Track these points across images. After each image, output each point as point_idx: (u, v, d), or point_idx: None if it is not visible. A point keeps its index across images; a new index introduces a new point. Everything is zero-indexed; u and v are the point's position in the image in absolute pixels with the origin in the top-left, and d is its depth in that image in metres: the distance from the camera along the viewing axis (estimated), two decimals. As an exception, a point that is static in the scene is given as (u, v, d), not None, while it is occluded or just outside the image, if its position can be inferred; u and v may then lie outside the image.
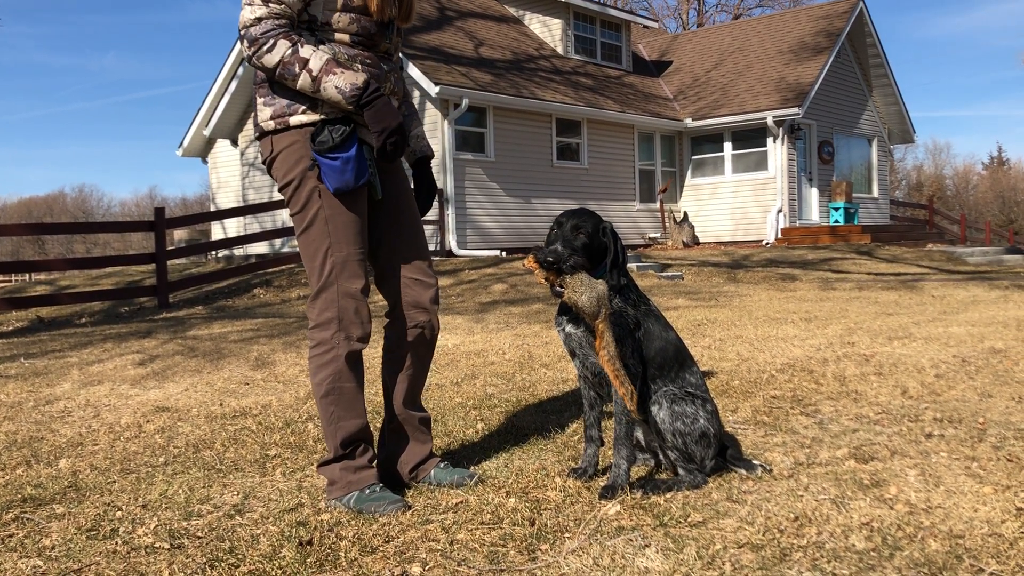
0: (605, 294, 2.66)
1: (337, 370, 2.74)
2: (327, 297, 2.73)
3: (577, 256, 2.69)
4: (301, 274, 12.95)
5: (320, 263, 2.73)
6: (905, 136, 23.30)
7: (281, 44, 2.58)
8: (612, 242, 2.79)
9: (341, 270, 2.72)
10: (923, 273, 12.64)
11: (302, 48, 2.59)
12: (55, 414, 4.66)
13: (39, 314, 11.22)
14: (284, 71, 2.60)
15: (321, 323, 2.75)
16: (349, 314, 2.73)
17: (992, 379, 4.36)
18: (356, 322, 2.74)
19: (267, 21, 2.58)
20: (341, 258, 2.72)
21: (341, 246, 2.72)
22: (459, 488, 2.85)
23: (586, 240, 2.73)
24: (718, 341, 6.07)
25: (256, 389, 5.12)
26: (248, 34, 2.59)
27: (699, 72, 21.53)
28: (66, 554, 2.46)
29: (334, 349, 2.74)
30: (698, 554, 2.22)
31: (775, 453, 3.15)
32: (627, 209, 19.05)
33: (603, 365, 2.66)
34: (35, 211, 62.51)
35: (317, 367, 2.77)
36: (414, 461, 2.96)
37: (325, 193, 2.70)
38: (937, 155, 67.90)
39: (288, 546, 2.39)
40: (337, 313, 2.73)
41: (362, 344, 2.78)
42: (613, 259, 2.78)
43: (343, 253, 2.72)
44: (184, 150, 19.68)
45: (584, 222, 2.75)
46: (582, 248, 2.72)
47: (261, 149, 2.82)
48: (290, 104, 2.71)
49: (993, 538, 2.27)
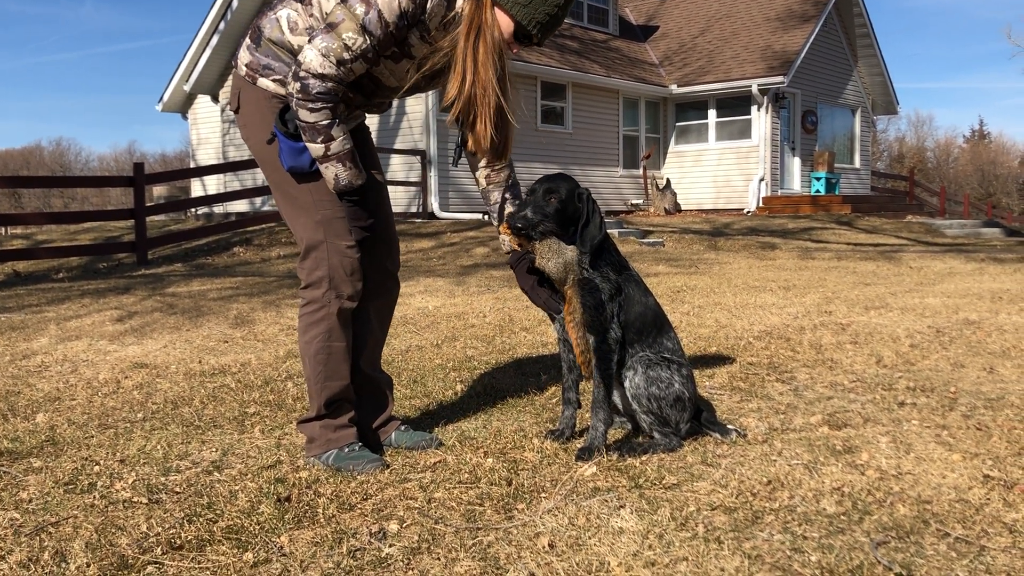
0: (574, 260, 2.67)
1: (328, 329, 2.74)
2: (317, 256, 2.71)
3: (547, 222, 2.68)
4: (282, 233, 12.87)
5: (304, 222, 2.71)
6: (888, 107, 23.35)
7: (325, 113, 2.52)
8: (586, 207, 2.78)
9: (328, 227, 2.70)
10: (902, 244, 12.75)
11: (336, 128, 2.55)
12: (32, 368, 4.63)
13: (15, 268, 11.11)
14: (310, 131, 2.54)
15: (312, 282, 2.73)
16: (340, 272, 2.71)
17: (965, 350, 4.42)
18: (347, 280, 2.72)
19: (331, 85, 2.51)
20: (327, 216, 2.69)
21: (325, 204, 2.69)
22: (417, 451, 2.87)
23: (558, 206, 2.72)
24: (697, 308, 6.11)
25: (235, 347, 5.11)
26: (306, 84, 2.48)
27: (685, 38, 21.42)
28: (43, 507, 2.46)
29: (325, 308, 2.73)
30: (672, 515, 2.25)
31: (750, 419, 3.19)
32: (610, 175, 19.03)
33: (568, 330, 2.68)
34: (11, 164, 61.56)
35: (307, 325, 2.76)
36: (375, 422, 2.96)
37: None
38: (919, 127, 68.22)
39: (266, 502, 2.40)
40: (328, 271, 2.71)
41: (352, 303, 2.76)
42: (583, 224, 2.76)
43: (327, 210, 2.69)
44: (164, 105, 19.41)
45: (558, 187, 2.74)
46: (554, 214, 2.71)
47: (231, 88, 2.79)
48: (267, 67, 2.67)
49: (960, 504, 2.32)
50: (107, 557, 2.08)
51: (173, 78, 18.94)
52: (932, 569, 1.94)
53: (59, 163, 65.96)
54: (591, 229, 2.76)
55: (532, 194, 2.75)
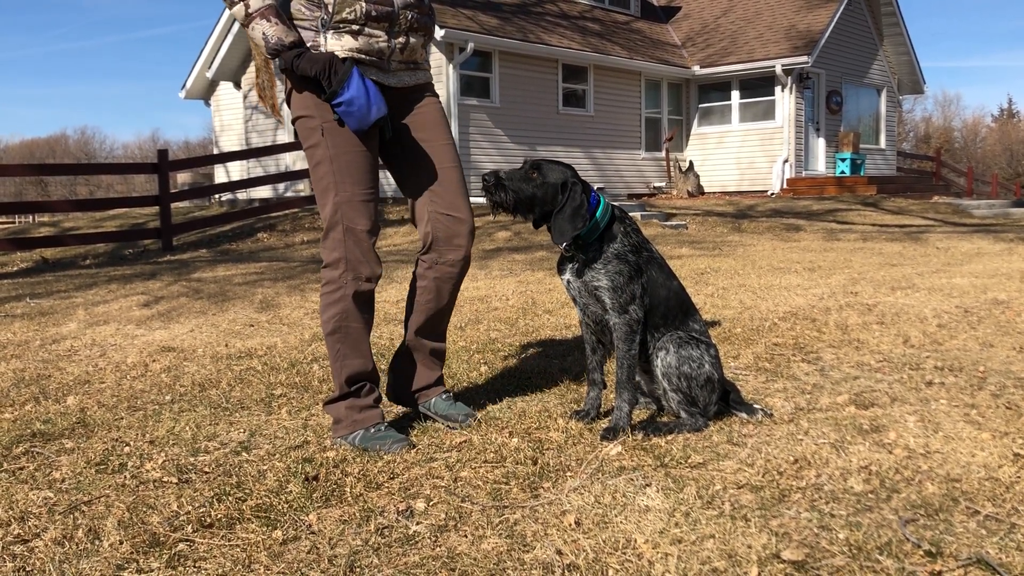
0: None
1: (344, 309, 2.76)
2: (334, 237, 2.74)
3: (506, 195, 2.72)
4: (305, 219, 12.93)
5: (326, 202, 2.74)
6: (915, 87, 23.01)
7: None
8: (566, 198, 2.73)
9: (346, 210, 2.73)
10: (928, 225, 12.60)
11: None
12: (62, 353, 4.69)
13: (44, 255, 11.24)
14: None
15: (330, 263, 2.76)
16: (356, 254, 2.74)
17: (994, 329, 4.37)
18: (364, 261, 2.75)
19: None
20: (346, 197, 2.72)
21: (346, 185, 2.72)
22: (452, 423, 2.90)
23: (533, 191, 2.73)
24: (721, 289, 6.08)
25: (261, 331, 5.15)
26: None
27: (708, 19, 21.21)
28: (76, 486, 2.50)
29: (341, 288, 2.75)
30: (698, 494, 2.25)
31: (776, 398, 3.18)
32: (632, 158, 18.92)
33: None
34: (37, 152, 62.18)
35: (325, 305, 2.79)
36: (420, 384, 3.02)
37: (328, 132, 2.71)
38: (946, 106, 67.32)
39: (294, 481, 2.43)
40: (344, 253, 2.73)
41: (370, 284, 2.78)
42: (559, 210, 2.73)
43: (347, 192, 2.72)
44: (187, 92, 19.48)
45: (544, 170, 2.75)
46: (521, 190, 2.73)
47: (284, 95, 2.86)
48: None
49: (990, 482, 2.30)
50: (139, 535, 2.11)
51: (195, 65, 19.01)
52: (962, 546, 1.93)
53: (84, 151, 66.50)
54: (562, 220, 2.72)
55: (521, 167, 2.77)
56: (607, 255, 2.77)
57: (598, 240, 2.79)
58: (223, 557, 2.00)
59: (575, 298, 2.90)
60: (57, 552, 2.03)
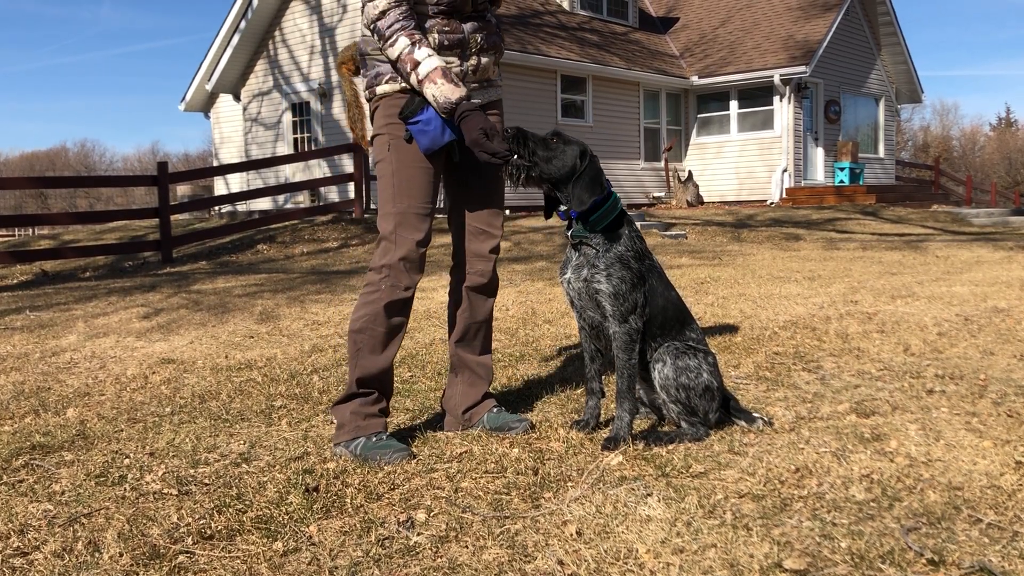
0: None
1: (375, 312, 2.82)
2: (386, 245, 2.85)
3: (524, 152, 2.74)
4: (304, 230, 12.94)
5: (385, 212, 2.86)
6: (913, 96, 23.09)
7: (401, 41, 2.71)
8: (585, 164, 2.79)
9: (401, 220, 2.83)
10: (928, 234, 12.61)
11: (418, 50, 2.71)
12: (61, 365, 4.69)
13: (43, 267, 11.24)
14: (400, 66, 2.75)
15: (376, 268, 2.86)
16: (401, 264, 2.83)
17: (994, 337, 4.37)
18: (405, 272, 2.84)
19: (390, 13, 2.72)
20: (402, 208, 2.83)
21: (403, 198, 2.83)
22: (504, 432, 2.92)
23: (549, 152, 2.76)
24: (721, 299, 6.08)
25: (261, 342, 5.14)
26: (376, 28, 2.74)
27: (706, 29, 21.29)
28: (76, 499, 2.49)
29: (378, 292, 2.83)
30: (699, 503, 2.25)
31: (777, 407, 3.17)
32: (631, 168, 18.96)
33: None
34: (37, 165, 62.28)
35: (360, 304, 2.87)
36: (467, 403, 3.06)
37: (395, 148, 2.84)
38: (944, 115, 67.47)
39: (294, 493, 2.42)
40: (390, 260, 2.83)
41: (407, 293, 2.86)
42: (578, 176, 2.78)
43: (404, 204, 2.83)
44: (186, 104, 19.55)
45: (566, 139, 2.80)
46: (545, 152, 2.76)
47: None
48: (377, 75, 2.87)
49: (992, 490, 2.29)
50: (139, 547, 2.10)
51: (195, 78, 19.07)
52: (964, 555, 1.92)
53: (84, 164, 66.64)
54: (581, 187, 2.76)
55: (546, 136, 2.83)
56: (610, 256, 2.77)
57: (607, 230, 2.80)
58: (223, 569, 1.99)
59: (573, 300, 2.89)
60: (57, 565, 2.03)
